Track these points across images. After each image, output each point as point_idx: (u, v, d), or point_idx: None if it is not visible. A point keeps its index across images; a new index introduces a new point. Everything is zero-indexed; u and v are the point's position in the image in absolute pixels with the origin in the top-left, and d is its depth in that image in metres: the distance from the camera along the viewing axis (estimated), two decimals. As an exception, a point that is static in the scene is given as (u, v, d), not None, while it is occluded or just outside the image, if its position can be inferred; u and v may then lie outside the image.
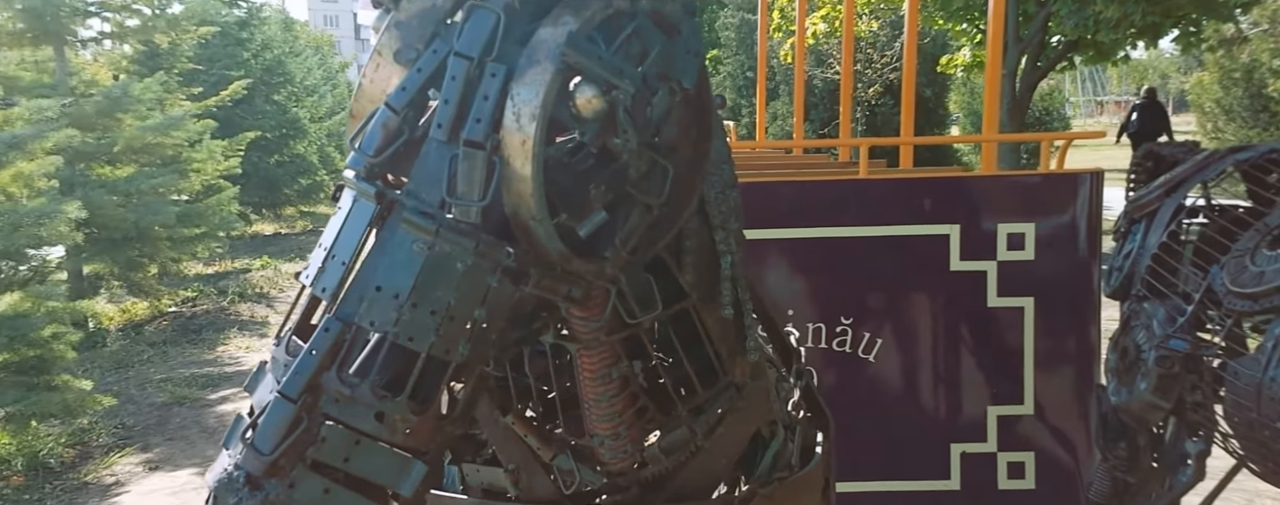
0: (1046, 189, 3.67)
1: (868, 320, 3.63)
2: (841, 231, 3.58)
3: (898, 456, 3.73)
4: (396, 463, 1.10)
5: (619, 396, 1.44)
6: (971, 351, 3.71)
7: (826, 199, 3.59)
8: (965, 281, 3.64)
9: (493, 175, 1.03)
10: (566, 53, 1.01)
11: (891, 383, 3.68)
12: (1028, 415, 3.77)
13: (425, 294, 1.05)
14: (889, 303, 3.67)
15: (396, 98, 1.08)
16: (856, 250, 3.59)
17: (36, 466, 6.08)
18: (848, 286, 3.63)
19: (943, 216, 3.60)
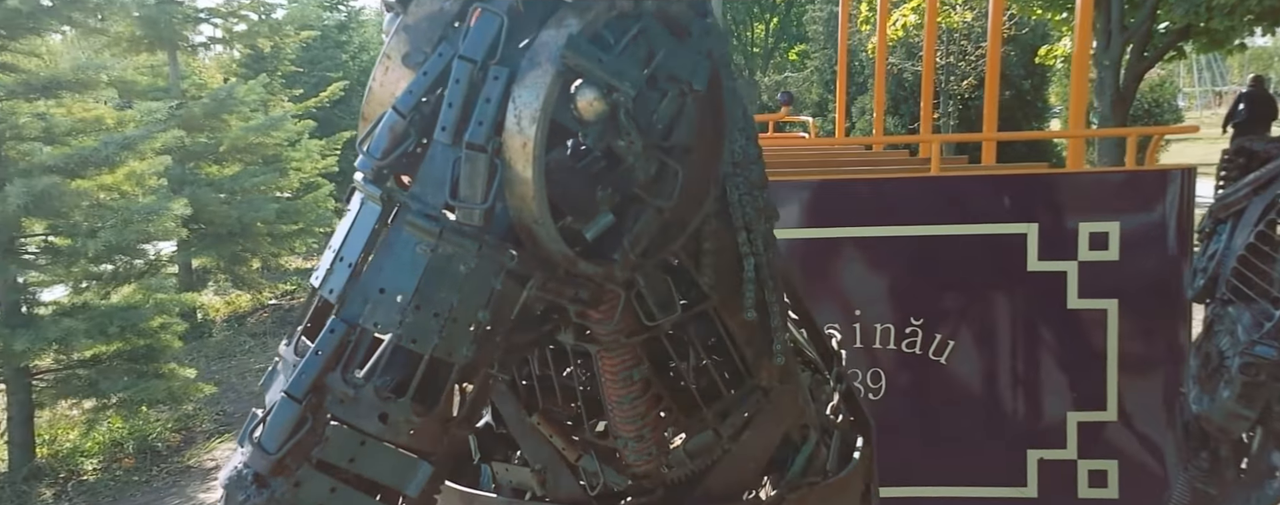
0: (1133, 186, 3.51)
1: (939, 321, 3.53)
2: (912, 230, 3.49)
3: (971, 461, 3.63)
4: (402, 463, 1.10)
5: (641, 398, 1.43)
6: (1049, 354, 3.58)
7: (896, 196, 3.51)
8: (1043, 282, 3.51)
9: (494, 178, 1.03)
10: (566, 55, 1.01)
11: (964, 386, 3.57)
12: (1111, 422, 3.62)
13: (428, 296, 1.05)
14: (962, 303, 3.56)
15: (403, 101, 1.08)
16: (928, 249, 3.50)
17: (145, 450, 6.44)
18: (918, 286, 3.54)
19: (1019, 215, 3.47)
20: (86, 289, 6.71)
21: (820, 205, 3.46)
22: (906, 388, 3.56)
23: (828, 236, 3.45)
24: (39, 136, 6.10)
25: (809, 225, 3.44)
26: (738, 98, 1.31)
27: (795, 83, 21.77)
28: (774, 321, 1.42)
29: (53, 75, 6.11)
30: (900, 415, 3.56)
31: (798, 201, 3.45)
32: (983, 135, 4.78)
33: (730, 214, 1.33)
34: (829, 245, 3.45)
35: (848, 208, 3.49)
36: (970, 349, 3.55)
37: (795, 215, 3.44)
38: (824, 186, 3.52)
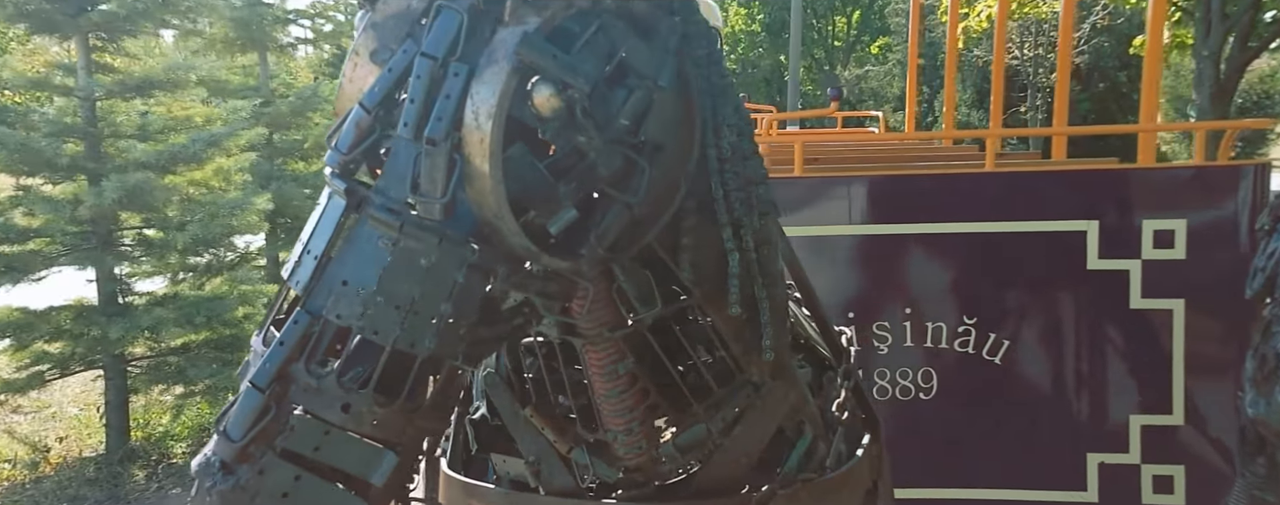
0: (1201, 182, 3.38)
1: (993, 320, 3.47)
2: (965, 227, 3.43)
3: (1027, 464, 3.55)
4: (367, 453, 1.12)
5: (628, 392, 1.45)
6: (1110, 356, 3.48)
7: (948, 193, 3.45)
8: (1104, 281, 3.42)
9: (453, 172, 1.04)
10: (520, 52, 1.02)
11: (1019, 386, 3.50)
12: (1177, 426, 3.50)
13: (390, 289, 1.07)
14: (1017, 302, 3.49)
15: (368, 97, 1.11)
16: (982, 246, 3.44)
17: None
18: (971, 284, 3.48)
19: (1078, 212, 3.38)
20: (181, 281, 7.07)
21: (870, 201, 3.44)
22: (959, 388, 3.51)
23: (878, 233, 3.42)
24: (134, 134, 6.46)
25: (859, 221, 3.42)
26: (728, 94, 1.32)
27: (877, 77, 21.41)
28: (764, 317, 1.41)
29: (146, 75, 6.44)
30: (952, 415, 3.51)
31: (847, 197, 3.43)
32: (1053, 130, 4.65)
33: (715, 209, 1.33)
34: (879, 242, 3.43)
35: (898, 204, 3.45)
36: (1026, 349, 3.48)
37: (845, 212, 3.43)
38: (873, 182, 3.49)
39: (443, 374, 1.18)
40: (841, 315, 3.38)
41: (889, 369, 3.45)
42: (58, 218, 6.07)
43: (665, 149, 1.17)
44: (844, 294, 3.42)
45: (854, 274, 3.43)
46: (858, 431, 1.75)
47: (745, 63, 29.45)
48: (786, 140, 3.77)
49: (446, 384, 1.20)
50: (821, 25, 28.74)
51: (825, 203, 3.39)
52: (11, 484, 6.27)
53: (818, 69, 29.11)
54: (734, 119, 1.34)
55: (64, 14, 6.15)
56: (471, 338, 1.15)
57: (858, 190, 3.41)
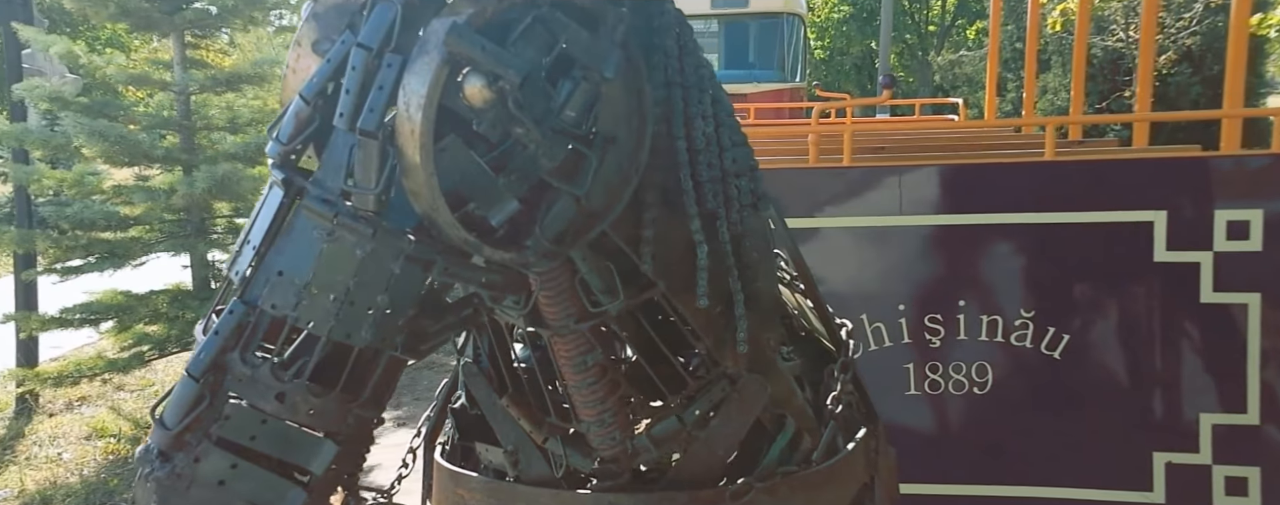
0: (1278, 171, 3.23)
1: (1053, 314, 3.39)
2: (1022, 217, 3.36)
3: (1089, 462, 3.46)
4: (306, 442, 1.15)
5: (598, 384, 1.46)
6: (1178, 352, 3.36)
7: (1004, 183, 3.39)
8: (1172, 273, 3.30)
9: (386, 163, 1.05)
10: (449, 42, 1.01)
11: (1080, 382, 3.41)
12: (1252, 425, 3.36)
13: (325, 279, 1.08)
14: (1078, 295, 3.40)
15: (307, 87, 1.12)
16: (1039, 238, 3.36)
17: None
18: (1030, 277, 3.41)
19: (1145, 202, 3.28)
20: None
21: (922, 192, 3.40)
22: (1015, 383, 3.44)
23: (930, 224, 3.38)
24: (225, 126, 6.81)
25: (910, 212, 3.38)
26: (702, 85, 1.32)
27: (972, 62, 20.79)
28: (739, 310, 1.40)
29: (235, 70, 6.78)
30: (1008, 411, 3.45)
31: (898, 187, 3.40)
32: (1135, 116, 4.49)
33: (682, 202, 1.32)
34: (931, 233, 3.39)
35: (952, 194, 3.40)
36: (1087, 344, 3.39)
37: (895, 202, 3.40)
38: (925, 172, 3.45)
39: (382, 365, 1.18)
40: (891, 307, 3.36)
41: (941, 363, 3.41)
42: (155, 206, 6.45)
43: (618, 140, 1.17)
44: (894, 286, 3.39)
45: (904, 265, 3.39)
46: (855, 426, 1.72)
47: (834, 50, 28.99)
48: (834, 129, 3.75)
49: (386, 375, 1.20)
50: (914, 9, 28.06)
51: (875, 193, 3.37)
52: (115, 457, 6.69)
53: (909, 55, 28.45)
54: (711, 110, 1.34)
55: (161, 12, 6.52)
56: (412, 329, 1.16)
57: (909, 180, 3.37)
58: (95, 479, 6.16)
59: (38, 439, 6.87)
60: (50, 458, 6.58)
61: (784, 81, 13.61)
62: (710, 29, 15.14)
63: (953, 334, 3.39)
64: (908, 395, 3.42)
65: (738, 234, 1.40)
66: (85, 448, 6.71)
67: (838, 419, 1.63)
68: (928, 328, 3.38)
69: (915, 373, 3.40)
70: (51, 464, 6.45)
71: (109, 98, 7.44)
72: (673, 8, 1.30)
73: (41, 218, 6.84)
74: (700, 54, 1.35)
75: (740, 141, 1.44)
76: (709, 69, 1.37)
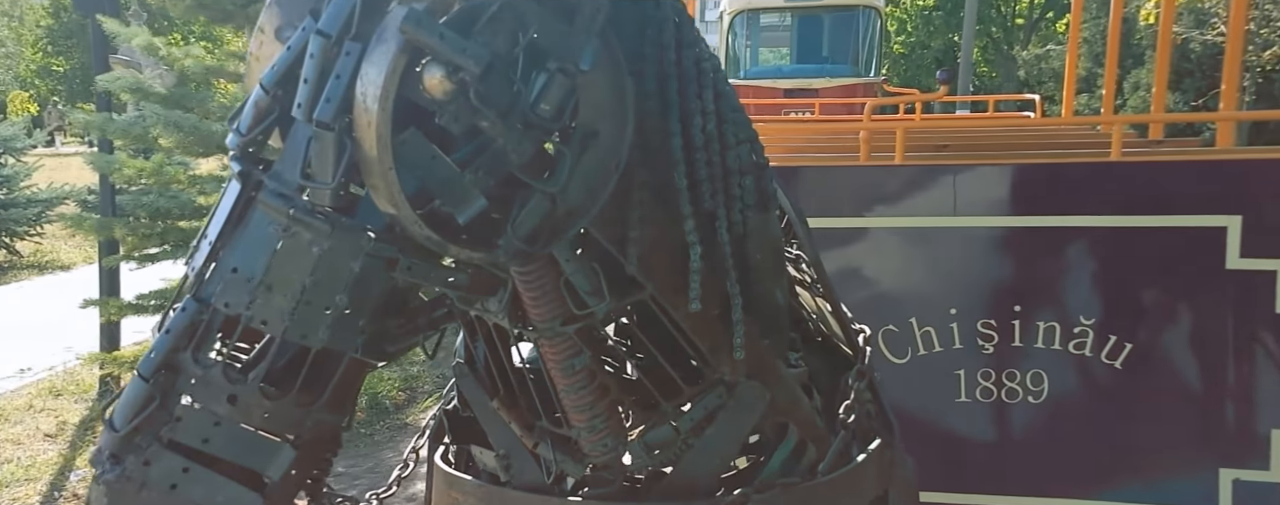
0: (1365, 175, 3.07)
1: (1115, 321, 3.28)
2: (1083, 220, 3.26)
3: (1148, 476, 3.35)
4: (262, 446, 1.10)
5: (587, 388, 1.41)
6: (1250, 363, 3.22)
7: (1065, 184, 3.28)
8: (1246, 281, 3.17)
9: (343, 157, 1.00)
10: (404, 29, 0.96)
11: (1142, 393, 3.30)
12: (1329, 444, 3.21)
13: (280, 277, 1.04)
14: (1142, 303, 3.29)
15: (267, 76, 1.07)
16: (1103, 242, 3.26)
17: (375, 406, 7.26)
18: (1092, 282, 3.30)
19: (1218, 206, 3.15)
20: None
21: (977, 192, 3.32)
22: (1073, 392, 3.34)
23: (984, 225, 3.31)
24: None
25: (965, 213, 3.31)
26: (701, 79, 1.27)
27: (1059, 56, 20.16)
28: (737, 315, 1.34)
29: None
30: (1065, 421, 3.35)
31: (952, 187, 3.33)
32: (1218, 115, 4.31)
33: (676, 200, 1.27)
34: (986, 235, 3.31)
35: (1009, 195, 3.32)
36: (1151, 353, 3.27)
37: (949, 202, 3.33)
38: (981, 172, 3.37)
39: (342, 367, 1.13)
40: (943, 311, 3.29)
41: (994, 369, 3.33)
42: (227, 197, 6.68)
43: (600, 135, 1.11)
44: (946, 289, 3.33)
45: (958, 268, 3.32)
46: (870, 436, 1.66)
47: (916, 43, 28.44)
48: (886, 126, 3.67)
49: (348, 377, 1.15)
50: (1001, 2, 27.34)
51: (928, 193, 3.31)
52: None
53: (994, 49, 27.71)
54: (713, 105, 1.29)
55: (235, 4, 6.75)
56: (376, 330, 1.12)
57: (964, 180, 3.30)
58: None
59: (116, 420, 7.23)
60: (127, 438, 6.92)
61: (858, 76, 13.38)
62: (784, 23, 14.99)
63: (1007, 340, 3.31)
64: (958, 402, 3.35)
65: (739, 235, 1.36)
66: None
67: (849, 428, 1.57)
68: (981, 333, 3.31)
69: (967, 379, 3.33)
70: (127, 444, 6.78)
71: (201, 90, 7.70)
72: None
73: (120, 206, 7.15)
74: (702, 46, 1.30)
75: (746, 138, 1.39)
76: (712, 62, 1.32)
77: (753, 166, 1.40)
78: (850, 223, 3.32)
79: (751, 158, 1.40)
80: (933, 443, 3.35)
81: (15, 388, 7.82)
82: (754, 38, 14.42)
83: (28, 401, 7.45)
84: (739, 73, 13.52)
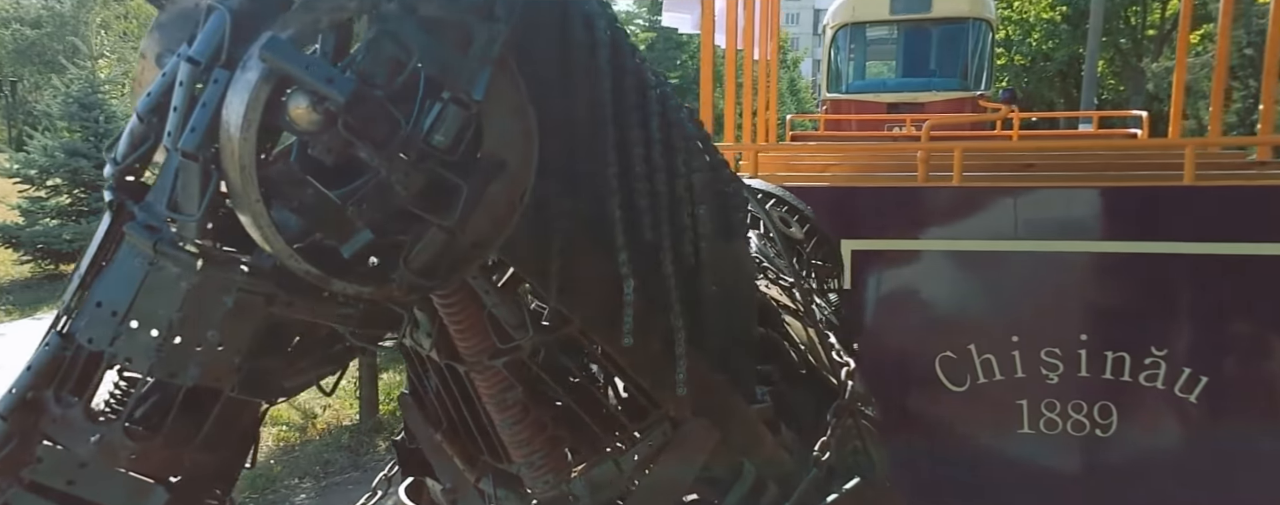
0: None
1: (1188, 353, 3.16)
2: (1158, 247, 3.15)
3: (1228, 516, 3.20)
4: (132, 488, 1.06)
5: (521, 423, 1.39)
6: (1339, 402, 3.05)
7: (1140, 208, 3.18)
8: (1334, 315, 3.01)
9: (208, 187, 0.97)
10: (263, 56, 0.93)
11: (1219, 429, 3.16)
12: None
13: (145, 312, 1.01)
14: (1219, 334, 3.15)
15: (142, 104, 1.05)
16: (1177, 269, 3.14)
17: (381, 428, 7.47)
18: (1164, 313, 3.19)
19: (1305, 234, 3.00)
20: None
21: (1040, 215, 3.25)
22: (1144, 426, 3.23)
23: (1051, 250, 3.23)
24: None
25: (1027, 236, 3.24)
26: (641, 107, 1.25)
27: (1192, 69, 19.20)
28: (679, 349, 1.30)
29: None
30: (1135, 456, 3.24)
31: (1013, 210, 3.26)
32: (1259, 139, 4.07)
33: (604, 230, 1.23)
34: (1051, 259, 3.23)
35: (1076, 219, 3.23)
36: (1230, 387, 3.13)
37: (1010, 225, 3.26)
38: (1044, 195, 3.29)
39: (219, 406, 1.08)
40: (1003, 338, 3.23)
41: (1059, 401, 3.25)
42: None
43: (507, 166, 1.06)
44: (1007, 315, 3.26)
45: (1020, 294, 3.26)
46: (848, 474, 1.60)
47: (1038, 54, 27.51)
48: (943, 146, 3.61)
49: (226, 416, 1.10)
50: (1131, 13, 26.19)
51: (987, 215, 3.25)
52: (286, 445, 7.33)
53: (1122, 62, 26.54)
54: (659, 133, 1.25)
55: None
56: (255, 367, 1.08)
57: (1026, 202, 3.24)
58: (262, 465, 6.79)
59: (218, 422, 7.67)
60: (227, 441, 7.34)
61: (966, 91, 13.07)
62: (889, 36, 14.76)
63: (1073, 370, 3.22)
64: (1020, 433, 3.28)
65: (690, 267, 1.32)
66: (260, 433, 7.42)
67: (822, 467, 1.54)
68: (1044, 362, 3.23)
69: (1029, 410, 3.26)
70: (227, 447, 7.19)
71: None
72: (600, 21, 1.19)
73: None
74: (644, 74, 1.25)
75: (701, 166, 1.34)
76: (660, 91, 1.27)
77: (712, 195, 1.37)
78: (905, 244, 3.30)
79: (714, 187, 1.39)
80: (992, 474, 3.28)
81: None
82: (858, 51, 14.27)
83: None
84: (841, 87, 13.39)
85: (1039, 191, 3.30)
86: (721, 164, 1.45)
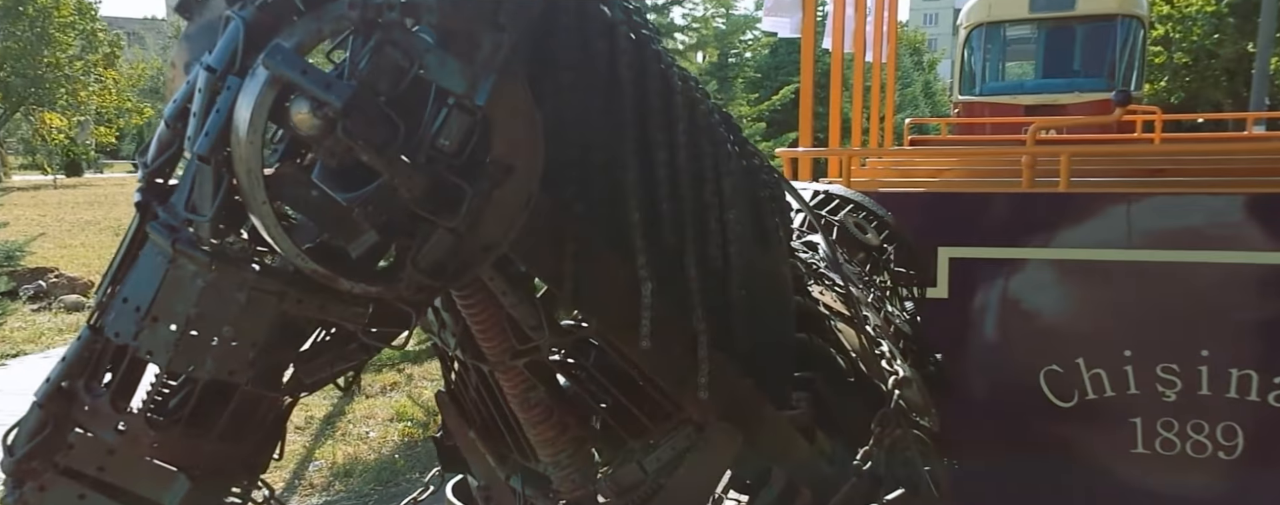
0: None
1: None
2: None
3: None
4: (157, 475, 1.13)
5: (546, 423, 1.43)
6: None
7: (1255, 216, 2.98)
8: None
9: (220, 190, 1.03)
10: (265, 63, 0.98)
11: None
12: None
13: (166, 308, 1.07)
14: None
15: (168, 110, 1.12)
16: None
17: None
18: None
19: None
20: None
21: (1154, 223, 3.08)
22: (1274, 449, 3.01)
23: (1168, 260, 3.05)
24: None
25: (1141, 245, 3.07)
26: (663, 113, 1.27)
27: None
28: (702, 352, 1.32)
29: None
30: (1265, 481, 3.03)
31: (1126, 217, 3.10)
32: None
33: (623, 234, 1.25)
34: (1168, 270, 3.05)
35: (1198, 227, 3.04)
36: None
37: (1122, 234, 3.10)
38: (1158, 201, 3.11)
39: (235, 399, 1.14)
40: (1114, 353, 3.08)
41: (1176, 420, 3.07)
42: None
43: (516, 170, 1.10)
44: (1119, 328, 3.10)
45: (1133, 306, 3.09)
46: (897, 485, 1.59)
47: (1202, 51, 25.83)
48: (1050, 150, 3.43)
49: (244, 408, 1.16)
50: (1307, 3, 24.24)
51: (1097, 223, 3.10)
52: (409, 440, 7.66)
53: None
54: (684, 137, 1.28)
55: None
56: (271, 362, 1.14)
57: (1139, 210, 3.07)
58: (387, 458, 7.10)
59: (353, 418, 8.04)
60: (359, 436, 7.66)
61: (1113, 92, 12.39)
62: (1029, 35, 14.17)
63: (1192, 388, 3.04)
64: (1134, 453, 3.11)
65: (718, 270, 1.34)
66: (387, 429, 7.74)
67: (863, 477, 1.53)
68: (1161, 378, 3.06)
69: (1144, 429, 3.09)
70: (359, 441, 7.51)
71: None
72: (621, 28, 1.21)
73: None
74: (671, 80, 1.27)
75: (734, 170, 1.36)
76: (685, 96, 1.29)
77: (746, 200, 1.38)
78: (1006, 253, 3.18)
79: (748, 191, 1.40)
80: (1101, 493, 3.14)
81: (279, 384, 8.90)
82: (994, 52, 13.75)
83: (287, 394, 8.49)
84: (974, 89, 12.96)
85: (1151, 198, 3.13)
86: (758, 169, 1.45)
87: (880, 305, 2.14)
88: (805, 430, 1.52)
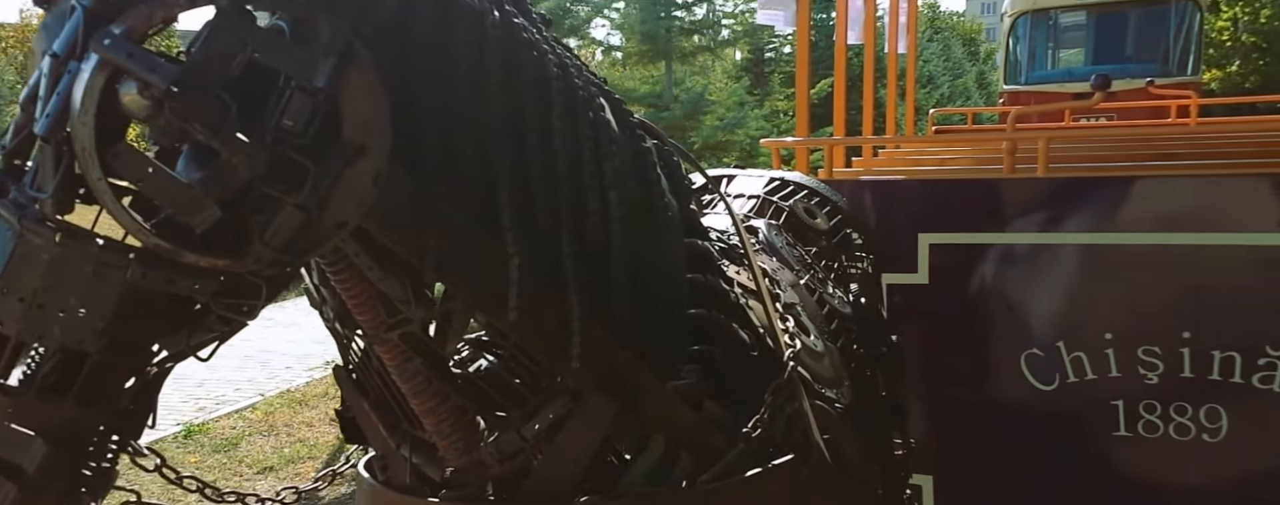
0: None
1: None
2: (1267, 238, 3.00)
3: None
4: (16, 439, 1.19)
5: (426, 393, 1.51)
6: None
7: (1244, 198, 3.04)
8: None
9: (59, 168, 1.11)
10: (93, 47, 1.06)
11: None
12: None
13: (14, 281, 1.14)
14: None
15: (23, 94, 1.20)
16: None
17: None
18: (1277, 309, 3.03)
19: None
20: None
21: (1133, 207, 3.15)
22: (1258, 431, 3.07)
23: (1146, 243, 3.13)
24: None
25: (1125, 229, 3.15)
26: (550, 97, 1.35)
27: None
28: (574, 326, 1.40)
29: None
30: (1248, 464, 3.09)
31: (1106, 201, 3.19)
32: None
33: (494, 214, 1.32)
34: (1146, 253, 3.13)
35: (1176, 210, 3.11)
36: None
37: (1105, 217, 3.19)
38: (1135, 184, 3.19)
39: (87, 368, 1.21)
40: (1095, 335, 3.16)
41: (1159, 403, 3.14)
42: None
43: (369, 150, 1.19)
44: (1098, 311, 3.19)
45: (1112, 289, 3.17)
46: (775, 455, 1.66)
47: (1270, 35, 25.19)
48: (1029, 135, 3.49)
49: (96, 376, 1.22)
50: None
51: (1076, 208, 3.19)
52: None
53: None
54: (559, 122, 1.36)
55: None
56: (124, 333, 1.20)
57: (1116, 194, 3.16)
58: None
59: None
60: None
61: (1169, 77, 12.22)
62: (1078, 22, 14.01)
63: (1174, 370, 3.11)
64: (1115, 436, 3.20)
65: (597, 249, 1.42)
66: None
67: (750, 442, 1.61)
68: (1142, 361, 3.14)
69: (1126, 411, 3.17)
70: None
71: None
72: (490, 17, 1.30)
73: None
74: (545, 67, 1.36)
75: (617, 154, 1.45)
76: (563, 81, 1.38)
77: (635, 182, 1.48)
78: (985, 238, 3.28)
79: (636, 174, 1.50)
80: (1085, 476, 3.23)
81: (320, 377, 9.12)
82: (1040, 39, 13.62)
83: (325, 388, 8.68)
84: (1020, 78, 12.86)
85: (1128, 181, 3.21)
86: (651, 151, 1.57)
87: (815, 287, 2.26)
88: (691, 399, 1.60)
